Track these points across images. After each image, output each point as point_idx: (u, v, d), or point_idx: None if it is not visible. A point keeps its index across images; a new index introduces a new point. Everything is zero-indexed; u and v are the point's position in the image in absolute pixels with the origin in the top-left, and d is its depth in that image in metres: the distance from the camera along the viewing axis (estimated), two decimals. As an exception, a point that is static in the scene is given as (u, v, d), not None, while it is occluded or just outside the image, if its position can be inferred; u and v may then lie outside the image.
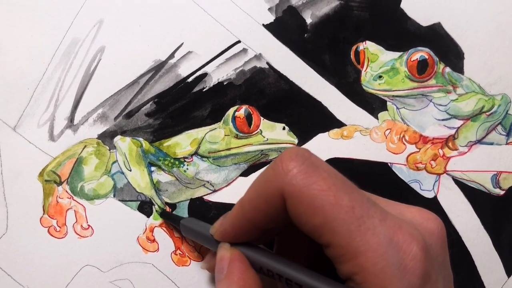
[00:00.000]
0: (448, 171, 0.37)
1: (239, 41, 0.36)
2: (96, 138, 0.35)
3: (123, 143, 0.35)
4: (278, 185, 0.22)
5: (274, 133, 0.36)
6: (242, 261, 0.25)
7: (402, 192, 0.37)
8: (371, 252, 0.20)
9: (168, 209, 0.36)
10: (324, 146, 0.36)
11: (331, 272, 0.23)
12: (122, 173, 0.35)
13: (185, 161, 0.36)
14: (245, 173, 0.36)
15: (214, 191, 0.36)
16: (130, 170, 0.35)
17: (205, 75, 0.36)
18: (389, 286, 0.20)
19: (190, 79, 0.36)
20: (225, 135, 0.36)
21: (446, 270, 0.24)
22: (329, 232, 0.21)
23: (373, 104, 0.37)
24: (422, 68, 0.36)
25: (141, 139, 0.35)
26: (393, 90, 0.36)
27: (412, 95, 0.37)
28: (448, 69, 0.37)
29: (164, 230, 0.35)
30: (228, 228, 0.26)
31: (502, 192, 0.38)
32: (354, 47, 0.37)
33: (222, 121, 0.36)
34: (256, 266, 0.25)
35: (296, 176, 0.21)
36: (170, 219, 0.35)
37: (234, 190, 0.36)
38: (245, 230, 0.25)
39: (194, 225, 0.31)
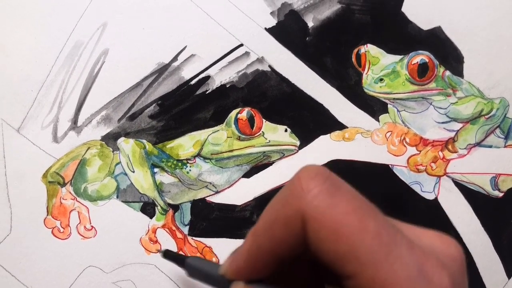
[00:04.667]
0: (448, 173, 0.38)
1: (241, 45, 0.36)
2: (100, 140, 0.35)
3: (126, 144, 0.35)
4: (297, 207, 0.19)
5: (276, 135, 0.36)
6: None
7: (403, 194, 0.37)
8: (400, 285, 0.18)
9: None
10: (325, 148, 0.37)
11: None
12: (125, 174, 0.35)
13: (188, 162, 0.36)
14: (247, 175, 0.36)
15: (217, 192, 0.36)
16: (133, 172, 0.35)
17: (208, 77, 0.36)
18: None
19: (193, 82, 0.36)
20: (228, 137, 0.36)
21: None
22: (354, 261, 0.19)
23: (374, 107, 0.37)
24: (422, 72, 0.37)
25: (144, 140, 0.36)
26: (394, 93, 0.37)
27: (413, 98, 0.37)
28: (448, 73, 0.37)
29: (166, 231, 0.35)
30: (241, 263, 0.22)
31: (501, 194, 0.38)
32: (355, 50, 0.37)
33: (224, 123, 0.36)
34: None
35: (318, 196, 0.19)
36: (174, 260, 0.32)
37: (237, 192, 0.36)
38: (260, 264, 0.22)
39: (201, 264, 0.28)
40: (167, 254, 0.33)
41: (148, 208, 0.35)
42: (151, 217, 0.35)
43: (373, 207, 0.20)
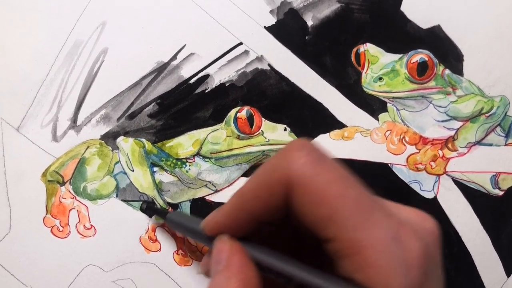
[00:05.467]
0: (447, 172, 0.38)
1: (241, 43, 0.36)
2: (99, 139, 0.36)
3: (125, 143, 0.35)
4: (284, 174, 0.21)
5: (276, 134, 0.36)
6: (242, 254, 0.24)
7: (403, 193, 0.37)
8: (375, 247, 0.20)
9: (170, 209, 0.36)
10: (325, 147, 0.37)
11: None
12: (125, 173, 0.35)
13: (187, 161, 0.36)
14: (246, 174, 0.36)
15: (216, 191, 0.36)
16: (133, 171, 0.35)
17: (207, 76, 0.36)
18: (393, 283, 0.20)
19: (192, 81, 0.36)
20: (227, 136, 0.36)
21: (440, 270, 0.24)
22: (334, 224, 0.20)
23: (373, 106, 0.37)
24: (422, 70, 0.37)
25: (143, 139, 0.36)
26: (393, 92, 0.37)
27: (412, 96, 0.37)
28: (447, 71, 0.37)
29: (166, 230, 0.35)
30: (222, 220, 0.24)
31: (501, 193, 0.38)
32: (354, 49, 0.37)
33: (224, 122, 0.36)
34: (256, 262, 0.24)
35: (304, 165, 0.21)
36: (156, 213, 0.34)
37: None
38: (240, 223, 0.24)
39: (182, 219, 0.30)
40: (149, 208, 0.34)
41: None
42: (150, 216, 0.35)
43: (355, 178, 0.22)
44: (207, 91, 0.36)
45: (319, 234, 0.21)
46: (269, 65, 0.37)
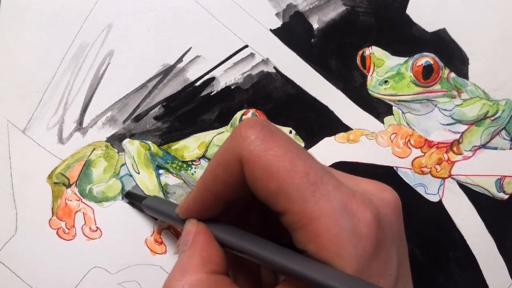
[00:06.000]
0: (452, 175, 0.38)
1: (246, 46, 0.36)
2: (105, 141, 0.36)
3: (131, 146, 0.35)
4: (236, 152, 0.22)
5: (281, 137, 0.36)
6: (206, 234, 0.25)
7: (408, 196, 0.37)
8: (324, 218, 0.20)
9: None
10: (330, 150, 0.37)
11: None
12: (131, 175, 0.35)
13: (193, 164, 0.36)
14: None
15: (222, 194, 0.36)
16: (139, 173, 0.35)
17: (213, 79, 0.36)
18: (343, 252, 0.20)
19: (198, 83, 0.36)
20: (233, 139, 0.36)
21: (401, 240, 0.24)
22: (284, 197, 0.21)
23: (379, 109, 0.37)
24: (427, 74, 0.37)
25: (149, 142, 0.36)
26: (399, 95, 0.37)
27: (417, 100, 0.37)
28: (453, 75, 0.37)
29: (172, 232, 0.36)
30: (191, 203, 0.25)
31: (506, 196, 0.38)
32: (360, 52, 0.37)
33: (229, 124, 0.36)
34: (221, 241, 0.25)
35: (254, 142, 0.22)
36: (135, 199, 0.34)
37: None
38: (208, 204, 0.25)
39: (158, 204, 0.31)
40: (128, 194, 0.35)
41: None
42: (156, 219, 0.35)
43: (305, 151, 0.22)
44: (212, 93, 0.36)
45: (272, 208, 0.22)
46: (274, 67, 0.37)
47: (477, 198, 0.38)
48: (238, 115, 0.36)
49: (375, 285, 0.20)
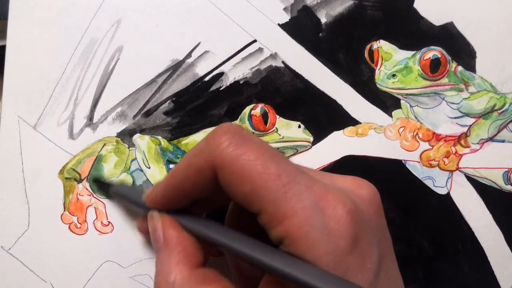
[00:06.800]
0: (460, 168, 0.38)
1: (255, 41, 0.37)
2: (115, 136, 0.36)
3: (142, 141, 0.36)
4: (209, 157, 0.23)
5: (290, 131, 0.37)
6: (175, 227, 0.26)
7: (416, 189, 0.37)
8: (296, 217, 0.21)
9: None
10: (339, 143, 0.37)
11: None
12: (141, 170, 0.36)
13: (202, 158, 0.36)
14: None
15: (231, 188, 0.37)
16: (149, 168, 0.36)
17: (221, 74, 0.37)
18: (313, 249, 0.21)
19: (207, 78, 0.36)
20: (242, 133, 0.36)
21: (382, 233, 0.25)
22: (258, 199, 0.22)
23: (387, 102, 0.37)
24: (435, 67, 0.37)
25: (159, 137, 0.36)
26: (407, 89, 0.37)
27: (425, 93, 0.37)
28: (460, 68, 0.37)
29: (182, 227, 0.36)
30: (158, 195, 0.26)
31: (513, 189, 0.38)
32: (368, 46, 0.37)
33: (238, 119, 0.36)
34: (189, 231, 0.26)
35: (227, 148, 0.23)
36: (102, 185, 0.35)
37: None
38: (174, 198, 0.26)
39: (126, 191, 0.32)
40: (95, 181, 0.35)
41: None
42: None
43: (278, 154, 0.23)
44: (221, 88, 0.37)
45: (248, 209, 0.23)
46: (283, 62, 0.37)
47: (485, 190, 0.38)
48: (247, 109, 0.36)
49: (341, 278, 0.21)
